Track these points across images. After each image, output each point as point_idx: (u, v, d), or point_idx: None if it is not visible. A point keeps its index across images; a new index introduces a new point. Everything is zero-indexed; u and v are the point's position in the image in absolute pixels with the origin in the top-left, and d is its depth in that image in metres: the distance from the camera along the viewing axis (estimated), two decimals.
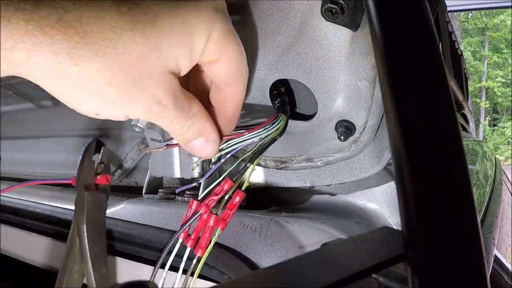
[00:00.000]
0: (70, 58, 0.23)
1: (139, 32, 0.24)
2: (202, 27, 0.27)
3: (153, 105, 0.27)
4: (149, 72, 0.26)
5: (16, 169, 0.86)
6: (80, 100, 0.26)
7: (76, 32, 0.23)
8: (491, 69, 14.68)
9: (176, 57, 0.27)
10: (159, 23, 0.25)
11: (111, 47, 0.24)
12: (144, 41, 0.25)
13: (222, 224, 0.38)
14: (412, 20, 0.22)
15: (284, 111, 0.40)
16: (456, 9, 3.16)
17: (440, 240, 0.18)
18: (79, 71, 0.24)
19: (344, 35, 0.35)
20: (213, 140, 0.33)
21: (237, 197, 0.38)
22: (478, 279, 0.18)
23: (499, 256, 0.77)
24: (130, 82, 0.25)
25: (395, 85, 0.21)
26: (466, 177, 0.20)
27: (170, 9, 0.26)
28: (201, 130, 0.32)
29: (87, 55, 0.23)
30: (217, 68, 0.31)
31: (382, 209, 0.50)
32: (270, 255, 0.41)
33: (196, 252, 0.39)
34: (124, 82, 0.25)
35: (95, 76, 0.24)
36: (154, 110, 0.27)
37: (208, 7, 0.28)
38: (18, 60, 0.23)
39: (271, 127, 0.38)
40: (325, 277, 0.19)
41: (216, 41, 0.28)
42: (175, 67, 0.27)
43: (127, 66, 0.25)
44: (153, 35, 0.25)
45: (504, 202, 1.10)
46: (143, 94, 0.26)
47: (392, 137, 0.21)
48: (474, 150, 1.34)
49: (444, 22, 1.08)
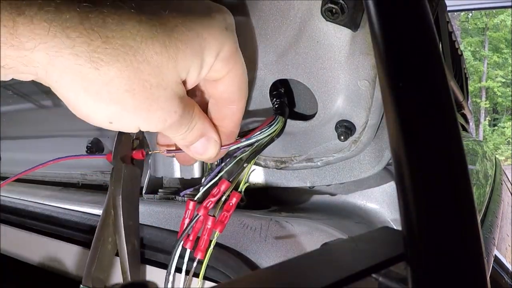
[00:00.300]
0: (91, 62, 0.23)
1: (159, 42, 0.25)
2: (213, 43, 0.28)
3: (168, 116, 0.27)
4: (165, 83, 0.26)
5: (16, 169, 0.86)
6: (95, 107, 0.25)
7: (98, 37, 0.23)
8: (491, 69, 14.68)
9: (189, 69, 0.27)
10: (177, 35, 0.26)
11: (131, 54, 0.24)
12: (162, 51, 0.25)
13: (220, 226, 0.38)
14: (412, 20, 0.22)
15: (282, 113, 0.40)
16: (456, 9, 3.16)
17: (440, 240, 0.18)
18: (98, 75, 0.24)
19: (344, 35, 0.35)
20: (214, 140, 0.33)
21: (234, 199, 0.38)
22: (478, 279, 0.18)
23: (499, 256, 0.77)
24: (147, 91, 0.25)
25: (395, 85, 0.21)
26: (466, 177, 0.20)
27: (186, 23, 0.26)
28: (202, 131, 0.32)
29: (108, 60, 0.23)
30: (220, 86, 0.32)
31: (382, 209, 0.50)
32: (270, 255, 0.41)
33: (196, 255, 0.39)
34: (141, 91, 0.25)
35: (114, 81, 0.24)
36: (168, 121, 0.28)
37: (221, 26, 0.29)
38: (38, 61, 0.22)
39: (268, 129, 0.38)
40: (325, 277, 0.19)
41: (223, 59, 0.29)
42: (185, 77, 0.28)
43: (145, 74, 0.25)
44: (171, 46, 0.25)
45: (504, 202, 1.10)
46: (159, 104, 0.26)
47: (392, 137, 0.21)
48: (474, 150, 1.34)
49: (444, 22, 1.08)
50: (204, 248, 0.38)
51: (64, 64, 0.23)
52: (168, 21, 0.26)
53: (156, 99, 0.26)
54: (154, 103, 0.26)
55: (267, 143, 0.39)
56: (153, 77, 0.25)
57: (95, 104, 0.25)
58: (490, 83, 14.26)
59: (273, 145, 0.39)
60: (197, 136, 0.32)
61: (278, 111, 0.40)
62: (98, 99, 0.25)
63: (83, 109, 0.25)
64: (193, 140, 0.32)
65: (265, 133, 0.38)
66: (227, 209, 0.38)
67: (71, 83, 0.24)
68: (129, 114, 0.26)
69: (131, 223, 0.40)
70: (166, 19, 0.25)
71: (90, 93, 0.24)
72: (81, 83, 0.24)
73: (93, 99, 0.25)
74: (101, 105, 0.25)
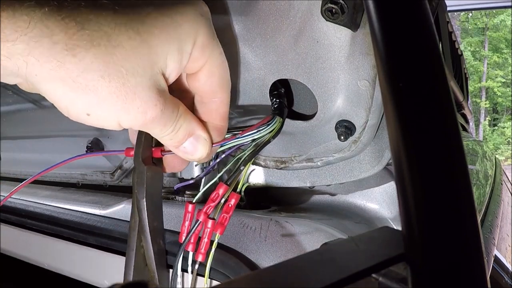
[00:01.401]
0: (68, 49, 0.24)
1: (132, 28, 0.26)
2: (189, 28, 0.29)
3: (148, 108, 0.27)
4: (142, 69, 0.26)
5: (16, 169, 0.86)
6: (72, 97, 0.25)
7: (75, 25, 0.24)
8: (491, 69, 14.67)
9: (166, 55, 0.28)
10: (150, 21, 0.27)
11: (105, 39, 0.25)
12: (136, 35, 0.26)
13: (221, 229, 0.38)
14: (412, 20, 0.22)
15: (280, 114, 0.40)
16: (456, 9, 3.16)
17: (440, 240, 0.18)
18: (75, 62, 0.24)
19: (344, 35, 0.35)
20: (203, 139, 0.33)
21: (232, 200, 0.38)
22: (478, 279, 0.18)
23: (499, 256, 0.77)
24: (122, 77, 0.26)
25: (395, 85, 0.21)
26: (466, 177, 0.20)
27: (160, 10, 0.27)
28: (189, 130, 0.32)
29: (83, 45, 0.24)
30: (201, 77, 0.32)
31: (382, 209, 0.50)
32: (270, 255, 0.41)
33: (197, 258, 0.39)
34: (117, 77, 0.25)
35: (90, 67, 0.25)
36: (149, 114, 0.28)
37: (195, 11, 0.29)
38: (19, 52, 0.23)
39: (265, 128, 0.38)
40: (325, 277, 0.19)
41: (201, 46, 0.30)
42: (165, 69, 0.28)
43: (120, 59, 0.25)
44: (145, 31, 0.26)
45: (504, 202, 1.10)
46: (136, 94, 0.26)
47: (392, 137, 0.21)
48: (474, 150, 1.34)
49: (444, 22, 1.08)
50: (205, 251, 0.38)
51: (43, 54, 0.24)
52: (141, 9, 0.27)
53: (133, 87, 0.26)
54: (130, 91, 0.26)
55: (264, 144, 0.38)
56: (128, 62, 0.26)
57: (72, 93, 0.25)
58: (490, 83, 14.25)
59: (273, 145, 0.39)
60: (185, 135, 0.32)
61: (276, 111, 0.40)
62: (74, 88, 0.25)
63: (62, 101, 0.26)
64: (181, 139, 0.32)
65: (262, 132, 0.38)
66: (226, 211, 0.38)
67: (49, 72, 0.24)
68: (105, 104, 0.26)
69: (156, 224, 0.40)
70: (139, 7, 0.27)
71: (67, 83, 0.25)
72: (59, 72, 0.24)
73: (70, 88, 0.25)
74: (78, 94, 0.25)
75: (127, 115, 0.27)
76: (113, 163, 0.66)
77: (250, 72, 0.40)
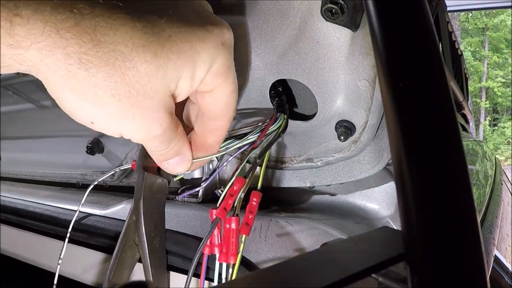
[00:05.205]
0: (80, 63, 0.23)
1: (150, 50, 0.25)
2: (207, 57, 0.28)
3: (153, 127, 0.27)
4: (153, 92, 0.26)
5: (16, 169, 0.86)
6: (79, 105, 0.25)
7: (90, 40, 0.23)
8: (491, 69, 14.66)
9: (178, 80, 0.27)
10: (169, 45, 0.26)
11: (120, 60, 0.24)
12: (152, 60, 0.25)
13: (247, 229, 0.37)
14: (412, 20, 0.22)
15: (283, 111, 0.40)
16: (456, 9, 3.16)
17: (440, 240, 0.18)
18: (87, 77, 0.24)
19: (344, 35, 0.35)
20: (187, 160, 0.33)
21: (254, 198, 0.38)
22: (478, 279, 0.18)
23: (499, 256, 0.77)
24: (133, 98, 0.25)
25: (395, 85, 0.21)
26: (466, 177, 0.20)
27: (182, 33, 0.26)
28: (180, 150, 0.32)
29: (97, 63, 0.24)
30: (207, 98, 0.31)
31: (382, 209, 0.50)
32: (270, 255, 0.41)
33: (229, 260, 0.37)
34: (127, 97, 0.25)
35: (101, 84, 0.24)
36: (152, 132, 0.28)
37: (217, 40, 0.28)
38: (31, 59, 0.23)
39: (271, 126, 0.39)
40: (325, 277, 0.19)
41: (215, 74, 0.29)
42: (175, 90, 0.28)
43: (132, 81, 0.25)
44: (162, 56, 0.25)
45: (504, 202, 1.10)
46: (144, 114, 0.26)
47: (392, 137, 0.21)
48: (474, 150, 1.34)
49: (444, 22, 1.08)
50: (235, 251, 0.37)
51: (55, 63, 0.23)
52: (162, 30, 0.25)
53: (142, 108, 0.26)
54: (139, 111, 0.26)
55: (274, 139, 0.39)
56: (141, 85, 0.25)
57: (80, 102, 0.25)
58: (490, 83, 14.25)
59: (273, 145, 0.39)
60: (174, 154, 0.32)
61: (279, 109, 0.40)
62: (83, 99, 0.25)
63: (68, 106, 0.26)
64: (169, 157, 0.32)
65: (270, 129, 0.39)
66: (250, 210, 0.37)
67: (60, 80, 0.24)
68: (111, 119, 0.26)
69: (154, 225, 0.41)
70: (161, 28, 0.25)
71: (76, 92, 0.25)
72: (69, 81, 0.24)
73: (79, 98, 0.25)
74: (86, 104, 0.25)
75: (131, 132, 0.27)
76: (113, 163, 0.66)
77: (250, 72, 0.40)
